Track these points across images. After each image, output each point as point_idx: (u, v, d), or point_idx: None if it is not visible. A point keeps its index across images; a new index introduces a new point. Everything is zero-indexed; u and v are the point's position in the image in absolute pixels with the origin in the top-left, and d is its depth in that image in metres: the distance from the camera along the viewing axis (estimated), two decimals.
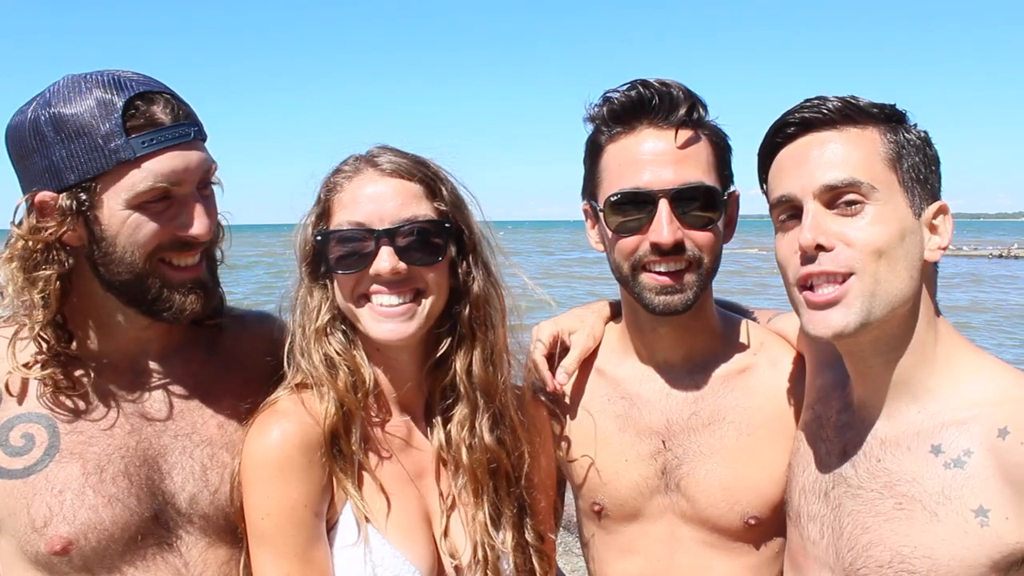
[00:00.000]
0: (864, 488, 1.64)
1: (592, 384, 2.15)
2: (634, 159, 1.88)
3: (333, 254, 1.77)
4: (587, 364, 2.16)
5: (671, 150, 1.86)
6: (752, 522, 1.96)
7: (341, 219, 1.77)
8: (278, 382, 1.83)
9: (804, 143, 1.64)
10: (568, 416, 2.13)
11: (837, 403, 1.80)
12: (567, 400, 2.15)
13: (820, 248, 1.58)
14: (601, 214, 1.93)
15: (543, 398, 2.07)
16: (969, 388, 1.58)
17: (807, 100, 1.66)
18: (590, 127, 1.99)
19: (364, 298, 1.78)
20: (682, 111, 1.87)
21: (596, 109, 1.96)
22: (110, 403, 1.76)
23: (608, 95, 1.93)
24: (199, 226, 1.68)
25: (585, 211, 2.06)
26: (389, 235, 1.74)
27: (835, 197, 1.59)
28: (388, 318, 1.76)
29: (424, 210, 1.77)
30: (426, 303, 1.79)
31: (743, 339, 2.09)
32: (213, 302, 1.81)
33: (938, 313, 1.67)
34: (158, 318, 1.73)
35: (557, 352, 2.12)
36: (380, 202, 1.75)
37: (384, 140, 1.86)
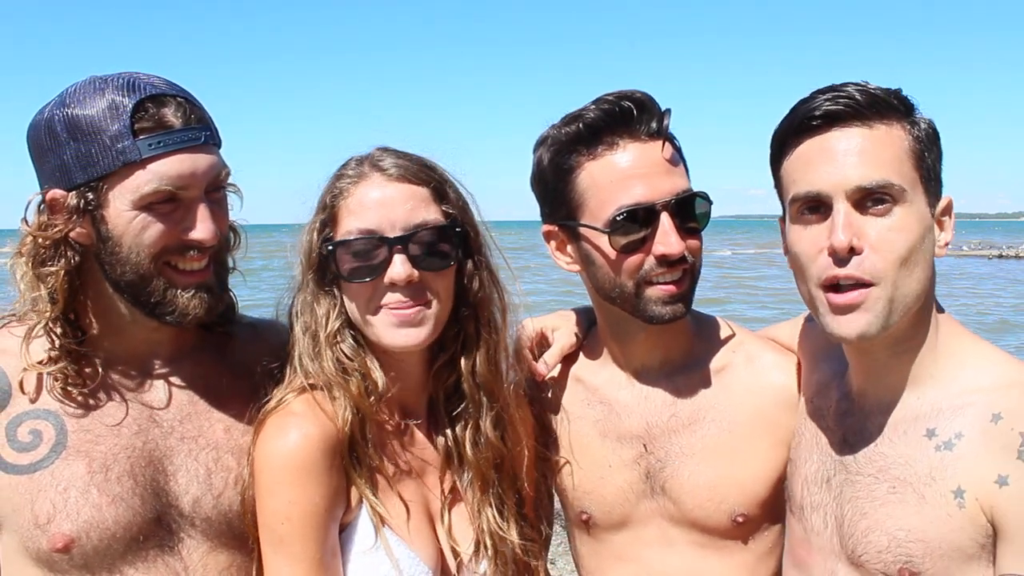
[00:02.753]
0: (862, 474, 1.64)
1: (571, 392, 2.14)
2: (626, 174, 1.85)
3: (344, 264, 1.75)
4: (566, 372, 2.16)
5: (659, 161, 1.85)
6: (740, 520, 1.95)
7: (350, 227, 1.74)
8: (276, 385, 1.81)
9: (832, 138, 1.58)
10: (550, 424, 2.14)
11: (836, 393, 1.79)
12: (548, 408, 2.15)
13: (851, 251, 1.54)
14: (604, 235, 1.87)
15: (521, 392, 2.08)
16: (969, 375, 1.59)
17: (831, 90, 1.60)
18: (551, 150, 1.93)
19: (377, 307, 1.76)
20: (658, 120, 1.86)
21: (566, 130, 1.90)
22: (119, 402, 1.76)
23: (578, 115, 1.89)
24: (203, 231, 1.67)
25: (550, 233, 2.01)
26: (402, 242, 1.72)
27: (866, 197, 1.55)
28: (401, 324, 1.75)
29: (433, 214, 1.76)
30: (436, 307, 1.78)
31: (719, 338, 2.09)
32: (218, 308, 1.80)
33: (937, 305, 1.67)
34: (161, 320, 1.73)
35: (540, 349, 2.14)
36: (390, 208, 1.73)
37: (389, 142, 1.84)
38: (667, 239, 1.82)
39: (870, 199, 1.55)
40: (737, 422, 1.98)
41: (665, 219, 1.83)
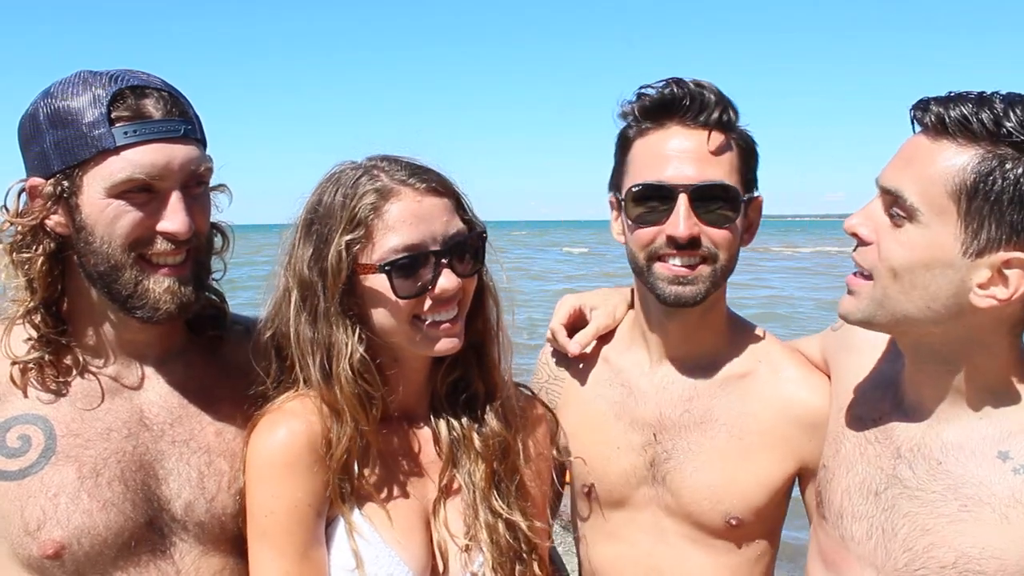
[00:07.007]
0: (924, 490, 1.63)
1: (597, 369, 2.19)
2: (659, 154, 1.93)
3: (392, 281, 1.68)
4: (597, 349, 2.21)
5: (696, 148, 1.91)
6: (734, 523, 1.99)
7: (394, 243, 1.68)
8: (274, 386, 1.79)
9: (913, 140, 1.61)
10: (571, 397, 2.19)
11: (886, 404, 1.79)
12: (574, 381, 2.20)
13: (859, 239, 1.62)
14: (623, 204, 1.99)
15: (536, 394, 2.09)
16: None
17: (944, 97, 1.55)
18: (621, 122, 2.04)
19: (417, 319, 1.74)
20: (712, 112, 1.91)
21: (629, 104, 2.01)
22: (108, 407, 1.74)
23: (642, 91, 1.98)
24: (176, 223, 1.64)
25: (611, 203, 2.12)
26: (447, 255, 1.70)
27: (889, 202, 1.59)
28: (444, 336, 1.74)
29: (459, 224, 1.75)
30: (464, 313, 1.79)
31: (749, 344, 2.12)
32: (193, 306, 1.74)
33: (1018, 353, 1.64)
34: (133, 315, 1.70)
35: (576, 326, 2.19)
36: (430, 222, 1.70)
37: (382, 143, 1.82)
38: (676, 221, 1.89)
39: (892, 207, 1.59)
40: (748, 431, 2.01)
41: (682, 202, 1.89)
